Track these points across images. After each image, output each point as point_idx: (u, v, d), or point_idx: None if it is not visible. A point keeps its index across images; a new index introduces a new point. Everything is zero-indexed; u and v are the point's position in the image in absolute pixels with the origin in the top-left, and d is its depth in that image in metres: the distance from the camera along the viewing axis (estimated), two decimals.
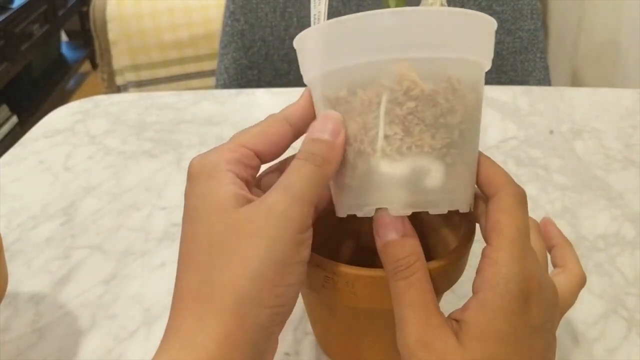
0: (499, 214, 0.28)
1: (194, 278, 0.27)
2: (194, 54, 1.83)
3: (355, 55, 0.28)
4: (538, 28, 0.95)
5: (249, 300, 0.25)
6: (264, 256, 0.26)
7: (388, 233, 0.29)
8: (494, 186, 0.29)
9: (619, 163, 0.62)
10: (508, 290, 0.26)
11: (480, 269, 0.28)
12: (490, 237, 0.28)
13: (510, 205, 0.28)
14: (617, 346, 0.42)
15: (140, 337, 0.43)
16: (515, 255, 0.27)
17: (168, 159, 0.65)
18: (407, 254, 0.29)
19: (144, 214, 0.56)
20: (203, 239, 0.27)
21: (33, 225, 0.55)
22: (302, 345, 0.42)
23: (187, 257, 0.27)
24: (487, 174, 0.30)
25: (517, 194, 0.29)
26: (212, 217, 0.27)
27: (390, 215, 0.29)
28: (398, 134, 0.28)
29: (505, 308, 0.26)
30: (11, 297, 0.47)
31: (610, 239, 0.52)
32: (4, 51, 1.95)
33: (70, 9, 2.51)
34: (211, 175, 0.28)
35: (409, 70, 0.27)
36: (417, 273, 0.28)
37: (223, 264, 0.26)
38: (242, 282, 0.25)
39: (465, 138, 0.28)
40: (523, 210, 0.29)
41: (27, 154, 0.67)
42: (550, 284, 0.29)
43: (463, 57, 0.28)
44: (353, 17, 0.27)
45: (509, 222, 0.28)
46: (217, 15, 1.73)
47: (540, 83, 0.95)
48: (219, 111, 0.74)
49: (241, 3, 0.95)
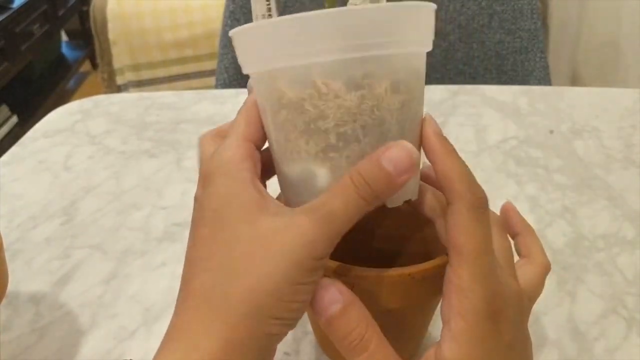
0: (455, 231, 0.27)
1: (209, 280, 0.26)
2: (194, 53, 1.83)
3: (255, 63, 0.29)
4: (538, 28, 0.95)
5: (263, 312, 0.25)
6: (284, 276, 0.25)
7: (328, 307, 0.27)
8: (448, 193, 0.27)
9: (619, 163, 0.62)
10: (476, 316, 0.26)
11: (446, 294, 0.27)
12: (450, 256, 0.27)
13: (465, 220, 0.27)
14: (617, 346, 0.42)
15: (140, 337, 0.43)
16: (478, 278, 0.26)
17: (168, 158, 0.65)
18: (356, 324, 0.27)
19: (144, 214, 0.56)
20: (225, 243, 0.26)
21: (33, 225, 0.55)
22: (302, 345, 0.42)
23: (203, 257, 0.27)
24: (442, 175, 0.28)
25: (473, 205, 0.27)
26: (239, 224, 0.26)
27: (324, 287, 0.27)
28: (280, 141, 0.28)
29: (477, 335, 0.26)
30: (11, 296, 0.47)
31: (610, 239, 0.52)
32: (4, 51, 1.95)
33: (71, 9, 2.51)
34: (229, 175, 0.28)
35: (277, 80, 0.27)
36: (373, 341, 0.26)
37: (242, 272, 0.26)
38: (259, 297, 0.25)
39: (349, 139, 0.27)
40: (481, 222, 0.27)
41: (27, 153, 0.67)
42: (513, 291, 0.28)
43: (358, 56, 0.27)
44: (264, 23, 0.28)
45: (465, 240, 0.26)
46: (217, 15, 1.73)
47: (540, 83, 0.95)
48: (219, 111, 0.74)
49: (241, 3, 0.95)
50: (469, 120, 0.71)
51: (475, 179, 0.28)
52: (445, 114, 0.72)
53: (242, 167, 0.28)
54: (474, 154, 0.64)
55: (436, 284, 0.29)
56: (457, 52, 0.98)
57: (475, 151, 0.64)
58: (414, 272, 0.31)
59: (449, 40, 0.97)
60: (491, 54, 0.97)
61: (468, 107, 0.74)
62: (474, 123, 0.70)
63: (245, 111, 0.30)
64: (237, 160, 0.28)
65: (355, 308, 0.27)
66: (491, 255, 0.27)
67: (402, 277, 0.31)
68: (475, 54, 0.98)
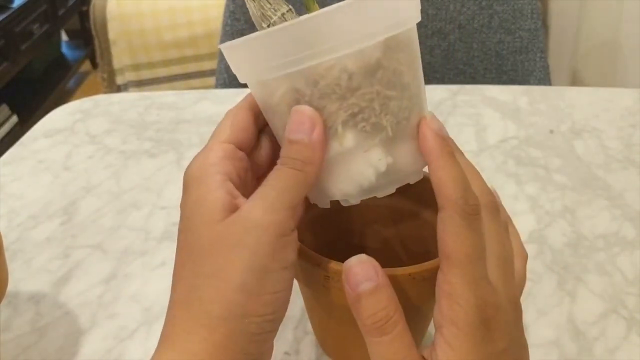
0: (445, 237, 0.27)
1: (183, 288, 0.27)
2: (194, 53, 1.83)
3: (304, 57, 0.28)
4: (538, 28, 0.95)
5: (236, 311, 0.26)
6: (245, 266, 0.26)
7: (360, 283, 0.27)
8: (440, 197, 0.27)
9: (619, 163, 0.62)
10: (468, 323, 0.26)
11: (438, 299, 0.27)
12: (441, 261, 0.27)
13: (457, 227, 0.26)
14: (617, 346, 0.42)
15: (140, 337, 0.43)
16: (468, 286, 0.26)
17: (168, 158, 0.65)
18: (385, 304, 0.26)
19: (144, 214, 0.56)
20: (192, 249, 0.27)
21: (33, 224, 0.55)
22: (302, 345, 0.42)
23: (178, 266, 0.28)
24: (436, 178, 0.28)
25: (464, 212, 0.27)
26: (201, 228, 0.27)
27: (361, 263, 0.27)
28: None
29: (470, 341, 0.26)
30: (11, 296, 0.47)
31: (610, 239, 0.52)
32: (4, 51, 1.95)
33: (71, 9, 2.51)
34: (200, 181, 0.28)
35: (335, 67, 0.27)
36: (398, 326, 0.26)
37: (209, 275, 0.26)
38: (227, 294, 0.26)
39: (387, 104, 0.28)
40: (472, 230, 0.27)
41: (27, 153, 0.67)
42: (507, 297, 0.28)
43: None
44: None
45: (455, 247, 0.26)
46: (217, 15, 1.73)
47: (540, 83, 0.95)
48: (219, 111, 0.74)
49: (241, 2, 0.94)
50: (469, 120, 0.71)
51: (470, 185, 0.28)
52: (445, 114, 0.72)
53: (214, 171, 0.28)
54: (474, 154, 0.64)
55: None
56: (457, 52, 0.98)
57: (475, 151, 0.64)
58: (414, 272, 0.31)
59: (449, 40, 0.97)
60: (491, 54, 0.97)
61: (468, 107, 0.74)
62: (474, 123, 0.70)
63: (231, 115, 0.31)
64: (210, 163, 0.28)
65: (388, 290, 0.27)
66: (482, 262, 0.27)
67: (402, 277, 0.31)
68: (475, 54, 0.98)
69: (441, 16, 0.95)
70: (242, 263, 0.26)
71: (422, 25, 0.96)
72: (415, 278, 0.31)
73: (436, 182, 0.27)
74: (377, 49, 0.27)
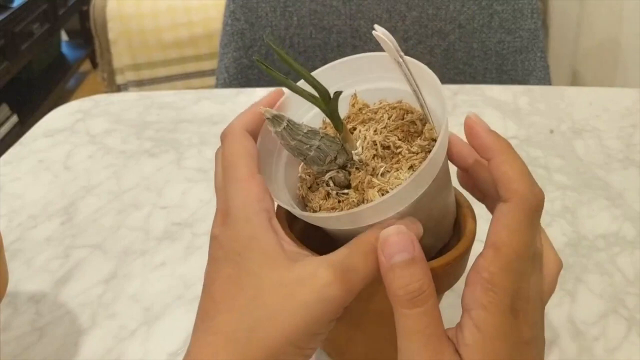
0: (500, 229, 0.27)
1: (233, 320, 0.27)
2: (194, 53, 1.83)
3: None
4: (538, 27, 0.95)
5: (279, 357, 0.27)
6: (306, 329, 0.27)
7: (396, 253, 0.27)
8: (506, 191, 0.28)
9: (619, 162, 0.62)
10: (500, 311, 0.26)
11: (470, 282, 0.27)
12: (487, 248, 0.27)
13: (518, 220, 0.27)
14: (617, 346, 0.42)
15: (140, 337, 0.43)
16: (510, 278, 0.27)
17: (168, 158, 0.65)
18: (420, 277, 0.27)
19: (144, 214, 0.56)
20: (250, 287, 0.27)
21: (33, 224, 0.55)
22: None
23: (227, 297, 0.28)
24: (500, 172, 0.28)
25: (531, 208, 0.27)
26: (262, 269, 0.27)
27: (399, 233, 0.27)
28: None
29: (498, 328, 0.26)
30: (11, 296, 0.47)
31: (610, 239, 0.52)
32: (4, 50, 1.95)
33: (71, 8, 2.50)
34: (248, 217, 0.28)
35: None
36: (430, 300, 0.27)
37: (265, 319, 0.27)
38: (278, 343, 0.26)
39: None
40: (533, 226, 0.27)
41: (27, 153, 0.67)
42: (538, 293, 0.29)
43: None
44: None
45: (509, 242, 0.27)
46: (217, 15, 1.73)
47: (540, 82, 0.95)
48: (219, 110, 0.74)
49: (241, 2, 0.95)
50: None
51: (535, 180, 0.28)
52: None
53: (259, 208, 0.28)
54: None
55: (439, 283, 0.29)
56: (457, 52, 0.98)
57: None
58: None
59: (449, 40, 0.97)
60: (491, 54, 0.97)
61: (468, 107, 0.74)
62: None
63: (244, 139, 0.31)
64: (253, 200, 0.29)
65: (424, 264, 0.27)
66: (527, 260, 0.27)
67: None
68: (475, 53, 0.98)
69: (441, 16, 0.95)
70: (302, 324, 0.27)
71: (422, 25, 0.96)
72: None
73: (501, 176, 0.28)
74: (409, 206, 0.29)
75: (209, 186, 0.60)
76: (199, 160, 0.64)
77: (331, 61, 0.34)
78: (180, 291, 0.48)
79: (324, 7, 0.95)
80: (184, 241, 0.53)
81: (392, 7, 0.95)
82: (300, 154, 0.30)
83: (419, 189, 0.28)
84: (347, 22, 0.96)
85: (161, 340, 0.35)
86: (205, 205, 0.57)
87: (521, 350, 0.27)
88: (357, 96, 0.35)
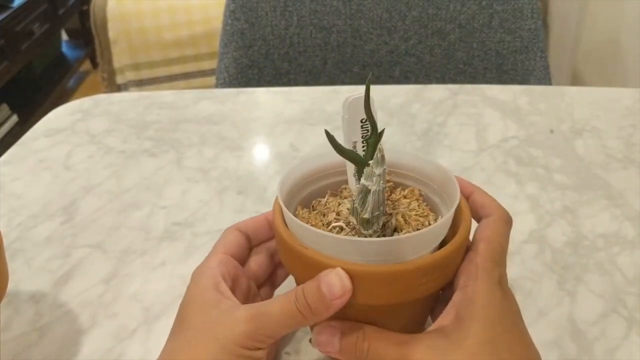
0: (490, 231, 0.36)
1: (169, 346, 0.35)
2: (194, 53, 1.83)
3: None
4: (538, 27, 0.95)
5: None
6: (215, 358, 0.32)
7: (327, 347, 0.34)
8: (490, 210, 0.37)
9: (619, 162, 0.62)
10: (492, 283, 0.33)
11: (465, 268, 0.34)
12: (478, 242, 0.35)
13: (501, 227, 0.36)
14: (617, 346, 0.42)
15: (140, 336, 0.43)
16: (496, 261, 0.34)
17: (168, 158, 0.65)
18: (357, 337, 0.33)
19: (144, 213, 0.56)
20: (181, 332, 0.34)
21: (33, 224, 0.55)
22: (302, 345, 0.42)
23: (171, 332, 0.36)
24: (482, 202, 0.38)
25: (508, 221, 0.37)
26: (193, 316, 0.35)
27: (328, 326, 0.34)
28: None
29: (491, 296, 0.32)
30: (11, 296, 0.47)
31: (610, 239, 0.52)
32: (5, 50, 1.95)
33: (71, 8, 2.51)
34: (198, 282, 0.36)
35: None
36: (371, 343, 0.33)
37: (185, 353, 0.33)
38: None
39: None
40: (507, 235, 0.36)
41: (28, 153, 0.67)
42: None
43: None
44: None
45: (497, 238, 0.35)
46: (217, 14, 1.73)
47: (540, 82, 0.95)
48: (219, 110, 0.74)
49: (241, 2, 0.95)
50: (469, 120, 0.71)
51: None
52: (445, 114, 0.72)
53: (209, 275, 0.36)
54: (474, 154, 0.64)
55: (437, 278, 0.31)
56: (458, 52, 0.98)
57: (475, 151, 0.64)
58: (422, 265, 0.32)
59: (449, 39, 0.97)
60: (491, 54, 0.97)
61: (468, 107, 0.74)
62: (474, 123, 0.70)
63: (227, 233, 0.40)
64: (206, 269, 0.37)
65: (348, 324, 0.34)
66: (505, 254, 0.36)
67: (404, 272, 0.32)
68: (475, 53, 0.98)
69: (441, 16, 0.95)
70: (214, 355, 0.32)
71: (422, 25, 0.96)
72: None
73: (480, 203, 0.38)
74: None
75: (209, 186, 0.60)
76: (199, 160, 0.64)
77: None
78: (180, 291, 0.47)
79: (324, 7, 0.95)
80: (184, 241, 0.53)
81: (392, 7, 0.95)
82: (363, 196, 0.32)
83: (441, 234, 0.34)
84: (347, 22, 0.96)
85: (161, 340, 0.35)
86: (205, 205, 0.57)
87: (513, 318, 0.33)
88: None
